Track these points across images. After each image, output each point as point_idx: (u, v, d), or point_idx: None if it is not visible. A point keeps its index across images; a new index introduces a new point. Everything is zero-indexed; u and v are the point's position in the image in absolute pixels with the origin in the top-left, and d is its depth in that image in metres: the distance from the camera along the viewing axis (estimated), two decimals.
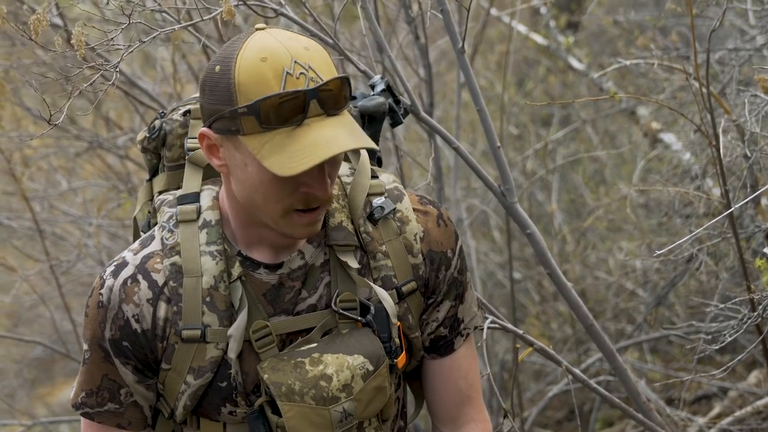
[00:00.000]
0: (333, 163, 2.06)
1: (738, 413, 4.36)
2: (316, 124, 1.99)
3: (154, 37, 2.75)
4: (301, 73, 1.98)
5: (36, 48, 3.43)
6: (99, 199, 6.42)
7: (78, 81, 2.67)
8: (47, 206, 6.72)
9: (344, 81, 2.05)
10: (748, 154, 3.42)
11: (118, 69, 2.63)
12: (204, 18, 2.80)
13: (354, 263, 2.20)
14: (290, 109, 1.98)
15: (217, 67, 2.03)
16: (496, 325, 2.96)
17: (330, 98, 2.01)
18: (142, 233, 2.41)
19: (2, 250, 6.36)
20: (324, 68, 2.02)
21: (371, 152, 2.40)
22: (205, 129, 2.07)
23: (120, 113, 6.47)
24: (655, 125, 5.06)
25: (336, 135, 1.99)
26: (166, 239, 2.18)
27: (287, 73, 1.98)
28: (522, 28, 6.57)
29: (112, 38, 2.68)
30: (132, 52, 2.62)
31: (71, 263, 6.15)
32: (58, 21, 4.06)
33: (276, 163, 1.97)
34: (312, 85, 1.98)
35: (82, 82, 2.64)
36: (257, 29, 2.06)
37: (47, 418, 6.43)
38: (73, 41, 2.56)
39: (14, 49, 4.95)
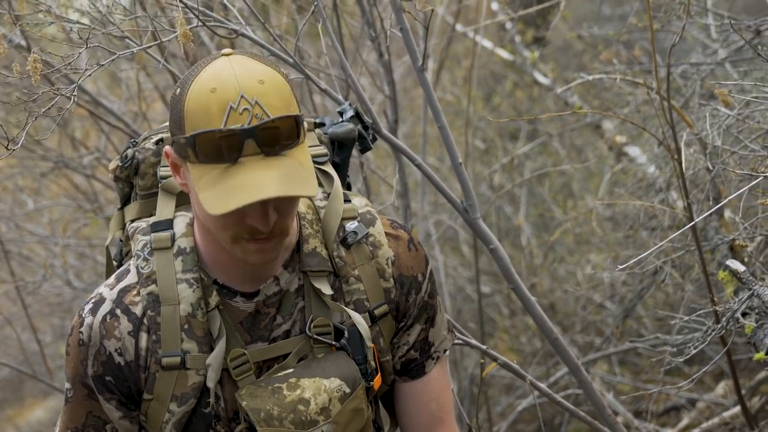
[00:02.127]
0: (281, 199, 2.03)
1: (705, 425, 4.38)
2: (251, 164, 1.97)
3: (113, 60, 2.75)
4: (245, 109, 1.97)
5: None
6: (65, 219, 6.39)
7: (41, 102, 2.67)
8: (13, 226, 6.69)
9: (291, 120, 2.01)
10: (710, 167, 3.44)
11: (75, 92, 2.63)
12: (163, 40, 2.80)
13: (327, 289, 2.21)
14: (225, 147, 1.96)
15: (177, 90, 2.04)
16: (461, 342, 2.97)
17: (270, 138, 1.98)
18: (114, 262, 2.41)
19: None
20: (276, 104, 2.00)
21: (340, 175, 2.41)
22: (167, 147, 2.09)
23: (87, 132, 6.44)
24: (619, 139, 5.08)
25: (263, 180, 1.96)
26: (142, 268, 2.18)
27: (231, 107, 1.96)
28: (488, 44, 6.59)
29: (71, 61, 2.68)
30: (91, 74, 2.63)
31: (38, 283, 6.12)
32: (23, 42, 4.04)
33: (207, 199, 1.97)
34: (254, 123, 1.96)
35: (45, 103, 2.64)
36: (222, 54, 2.05)
37: None
38: (28, 67, 2.56)
39: None
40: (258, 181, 1.95)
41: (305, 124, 2.07)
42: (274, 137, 1.99)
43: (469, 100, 5.13)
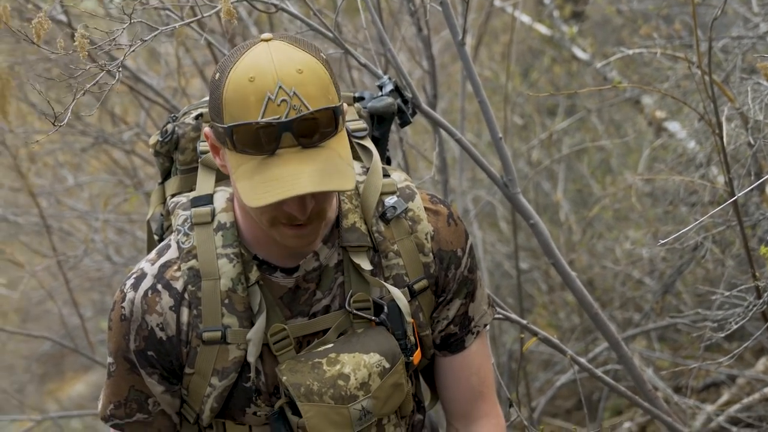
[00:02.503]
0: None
1: (745, 400, 4.37)
2: (288, 156, 1.98)
3: (156, 35, 2.75)
4: (283, 100, 1.97)
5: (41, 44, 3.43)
6: (105, 194, 6.43)
7: (83, 79, 2.68)
8: (54, 202, 6.73)
9: (329, 111, 2.01)
10: (752, 142, 3.42)
11: (119, 70, 2.64)
12: (205, 15, 2.80)
13: (367, 265, 2.21)
14: (263, 138, 1.97)
15: (217, 75, 2.04)
16: (501, 316, 2.97)
17: (307, 130, 1.99)
18: (155, 236, 2.43)
19: (10, 246, 6.38)
20: (315, 94, 2.00)
21: (380, 149, 2.41)
22: (207, 129, 2.09)
23: (126, 108, 6.47)
24: (659, 114, 5.05)
25: (300, 174, 1.97)
26: (182, 243, 2.19)
27: (269, 98, 1.97)
28: (526, 19, 6.56)
29: (114, 37, 2.69)
30: (134, 50, 2.63)
31: (79, 258, 6.16)
32: (63, 18, 4.06)
33: (245, 190, 1.98)
34: (292, 115, 1.97)
35: (88, 80, 2.65)
36: (262, 40, 2.05)
37: (57, 413, 6.45)
38: (75, 42, 2.57)
39: (19, 45, 4.95)
40: (295, 174, 1.96)
41: (344, 113, 2.07)
42: (312, 129, 1.99)
43: (508, 75, 5.11)
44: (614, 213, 5.77)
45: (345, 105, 2.11)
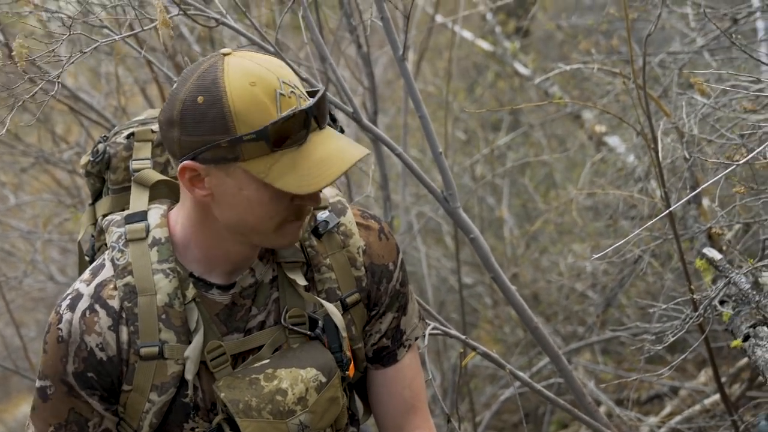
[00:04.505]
0: None
1: (686, 412, 4.40)
2: (316, 139, 2.04)
3: (94, 48, 2.75)
4: (291, 92, 2.02)
5: None
6: (47, 214, 6.38)
7: (20, 94, 2.67)
8: None
9: (325, 93, 2.10)
10: (687, 156, 3.45)
11: (59, 81, 2.63)
12: (143, 28, 2.80)
13: (301, 280, 2.23)
14: (294, 128, 2.01)
15: (200, 98, 2.02)
16: (439, 332, 2.98)
17: (323, 112, 2.07)
18: (86, 257, 2.41)
19: None
20: (298, 81, 2.08)
21: None
22: (188, 162, 2.06)
23: (69, 126, 6.43)
24: (599, 128, 5.09)
25: (340, 147, 2.05)
26: (117, 260, 2.18)
27: (280, 93, 2.00)
28: (468, 35, 6.59)
29: (53, 50, 2.68)
30: (72, 63, 2.63)
31: (19, 279, 6.11)
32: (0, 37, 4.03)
33: (292, 183, 2.00)
34: (304, 103, 2.03)
35: (25, 95, 2.64)
36: (223, 54, 2.06)
37: None
38: (13, 53, 2.56)
39: None
40: (338, 150, 2.04)
41: None
42: (325, 110, 2.08)
43: (448, 90, 5.13)
44: (557, 227, 5.80)
45: None
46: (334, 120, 2.53)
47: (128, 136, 2.34)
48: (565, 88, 5.65)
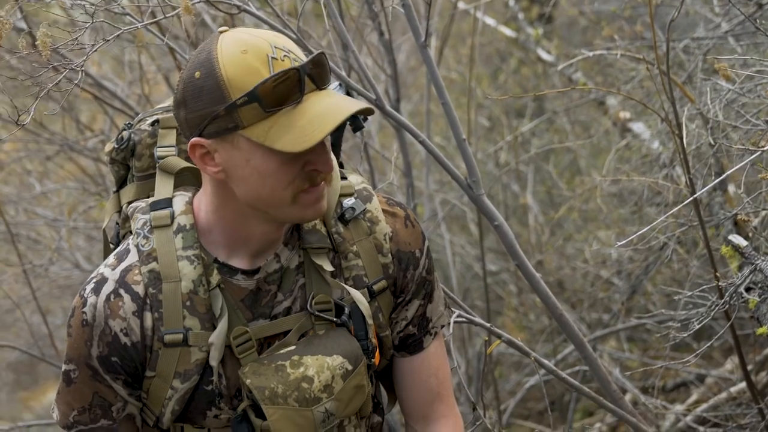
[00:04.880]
0: (328, 138, 2.10)
1: (712, 400, 4.38)
2: (313, 98, 2.02)
3: (117, 36, 2.75)
4: (285, 56, 2.01)
5: (2, 51, 3.41)
6: (72, 202, 6.40)
7: (45, 83, 2.67)
8: (21, 210, 6.70)
9: (325, 56, 2.08)
10: (712, 142, 3.43)
11: (82, 69, 2.64)
12: (166, 16, 2.80)
13: (328, 266, 2.22)
14: (288, 89, 2.00)
15: (197, 73, 2.03)
16: (463, 319, 2.97)
17: (321, 72, 2.04)
18: (111, 244, 2.42)
19: None
20: (299, 51, 2.06)
21: (334, 153, 2.41)
22: (195, 138, 2.06)
23: (94, 115, 6.45)
24: (623, 115, 5.07)
25: (337, 102, 2.03)
26: (142, 246, 2.18)
27: (272, 57, 2.00)
28: (491, 21, 6.57)
29: (76, 38, 2.68)
30: (95, 51, 2.63)
31: (45, 266, 6.13)
32: (22, 25, 4.04)
33: (288, 143, 1.99)
34: (298, 65, 2.02)
35: (49, 84, 2.65)
36: (220, 32, 2.07)
37: (29, 421, 6.41)
38: (37, 43, 2.56)
39: None
40: (333, 104, 2.02)
41: None
42: (324, 71, 2.06)
43: (471, 76, 5.12)
44: (582, 214, 5.78)
45: None
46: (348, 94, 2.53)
47: (153, 123, 2.34)
48: (589, 74, 5.63)
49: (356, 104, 2.03)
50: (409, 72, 7.19)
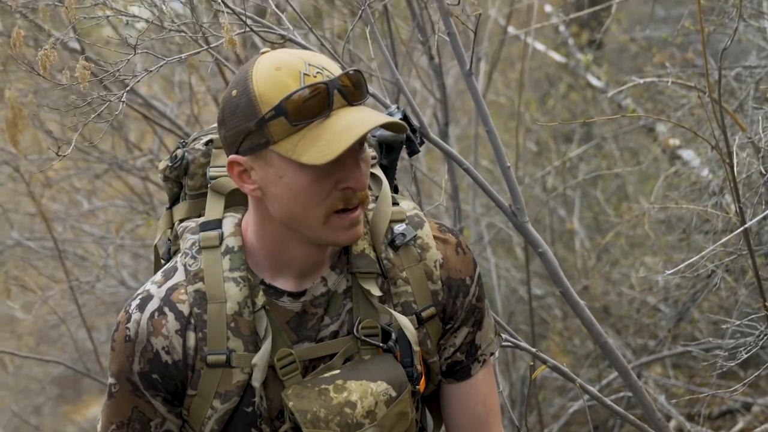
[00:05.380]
0: (365, 158, 2.08)
1: (759, 429, 4.33)
2: (342, 113, 2.02)
3: (162, 66, 2.77)
4: (318, 72, 2.02)
5: (54, 72, 3.44)
6: (120, 220, 6.46)
7: (94, 106, 2.70)
8: (69, 227, 6.76)
9: (361, 73, 2.08)
10: (764, 171, 3.41)
11: (123, 97, 2.66)
12: (212, 45, 2.82)
13: (376, 291, 2.21)
14: (316, 103, 2.00)
15: (234, 92, 2.06)
16: (509, 344, 2.96)
17: (352, 88, 2.04)
18: (162, 260, 2.43)
19: (24, 271, 6.40)
20: (336, 69, 2.06)
21: (388, 177, 2.41)
22: (232, 156, 2.08)
23: (143, 134, 6.50)
24: (673, 142, 5.05)
25: (364, 116, 2.01)
26: (189, 266, 2.19)
27: (304, 74, 2.01)
28: (541, 46, 6.57)
29: (122, 65, 2.71)
30: (141, 80, 2.65)
31: (91, 283, 6.18)
32: (76, 45, 4.08)
33: (313, 155, 1.98)
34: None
35: (98, 107, 2.67)
36: (262, 53, 2.09)
37: None
38: (77, 74, 2.59)
39: (33, 73, 4.98)
40: (360, 118, 2.01)
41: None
42: (357, 87, 2.06)
43: (520, 101, 5.12)
44: (629, 240, 5.76)
45: None
46: (414, 131, 2.53)
47: (207, 143, 2.35)
48: (639, 100, 5.61)
49: (382, 118, 2.02)
50: (458, 95, 7.20)
